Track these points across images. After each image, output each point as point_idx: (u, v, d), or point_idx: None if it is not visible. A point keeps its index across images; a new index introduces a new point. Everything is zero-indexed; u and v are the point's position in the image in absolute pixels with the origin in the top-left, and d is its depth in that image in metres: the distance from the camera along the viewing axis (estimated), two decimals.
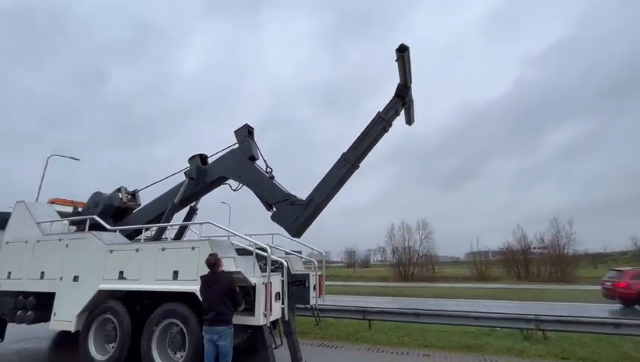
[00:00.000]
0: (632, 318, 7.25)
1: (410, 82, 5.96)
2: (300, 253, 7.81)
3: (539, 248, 42.23)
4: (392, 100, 6.01)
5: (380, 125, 5.87)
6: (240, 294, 4.42)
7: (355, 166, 5.81)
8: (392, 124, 6.05)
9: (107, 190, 7.54)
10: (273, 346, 5.06)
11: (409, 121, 6.75)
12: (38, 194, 20.62)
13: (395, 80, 5.94)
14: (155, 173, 6.92)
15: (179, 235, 7.55)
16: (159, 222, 6.71)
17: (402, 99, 6.03)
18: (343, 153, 5.83)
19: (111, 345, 5.56)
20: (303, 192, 5.85)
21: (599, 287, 15.29)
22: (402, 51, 5.50)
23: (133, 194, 7.81)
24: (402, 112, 6.33)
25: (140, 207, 7.69)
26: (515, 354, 6.72)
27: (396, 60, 5.64)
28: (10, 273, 6.79)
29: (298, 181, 5.97)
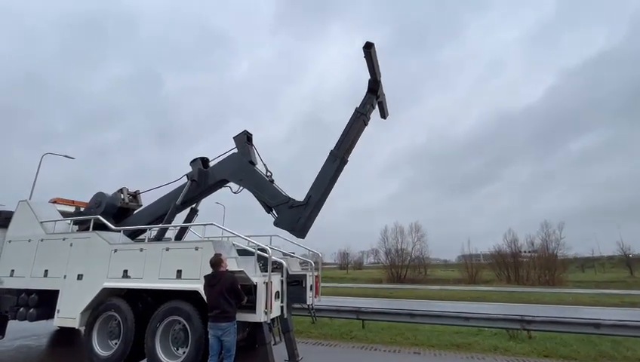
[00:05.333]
0: (610, 319, 7.64)
1: (380, 76, 6.36)
2: (293, 253, 8.07)
3: (529, 252, 43.08)
4: (366, 95, 6.43)
5: (360, 120, 6.27)
6: (242, 292, 4.66)
7: (344, 161, 6.16)
8: (370, 117, 6.48)
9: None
10: (272, 343, 5.33)
11: (383, 115, 7.15)
12: (32, 193, 20.54)
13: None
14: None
15: (180, 236, 7.75)
16: (160, 223, 6.92)
17: (375, 93, 6.43)
18: (331, 150, 6.17)
19: (114, 342, 5.73)
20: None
21: (587, 291, 15.77)
22: (368, 48, 5.89)
23: (135, 195, 8.00)
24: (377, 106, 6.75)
25: (142, 207, 7.88)
26: (501, 352, 7.07)
27: (364, 57, 6.02)
28: (13, 271, 6.91)
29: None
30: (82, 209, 8.08)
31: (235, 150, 6.86)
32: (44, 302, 6.45)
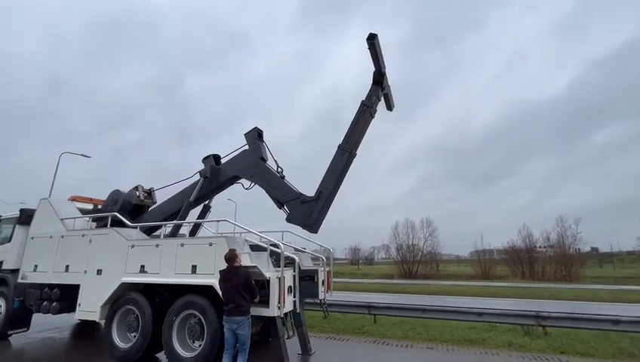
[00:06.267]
0: (630, 316, 7.46)
1: (384, 68, 6.31)
2: (304, 249, 8.12)
3: (544, 247, 42.23)
4: (371, 88, 6.41)
5: (366, 112, 6.27)
6: (256, 287, 4.74)
7: (352, 154, 6.17)
8: (376, 110, 6.46)
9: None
10: (285, 336, 5.41)
11: (389, 106, 7.12)
12: (51, 191, 21.24)
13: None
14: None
15: (194, 232, 7.90)
16: (174, 219, 7.06)
17: (380, 85, 6.40)
18: (339, 144, 6.19)
19: (133, 334, 5.93)
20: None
21: (605, 287, 15.40)
22: (372, 39, 5.85)
23: (150, 193, 8.17)
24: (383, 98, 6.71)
25: (156, 204, 8.05)
26: (516, 348, 6.98)
27: (368, 49, 5.97)
28: (36, 266, 7.19)
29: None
30: (99, 206, 8.31)
31: (246, 147, 6.93)
32: (66, 296, 6.70)
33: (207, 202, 7.74)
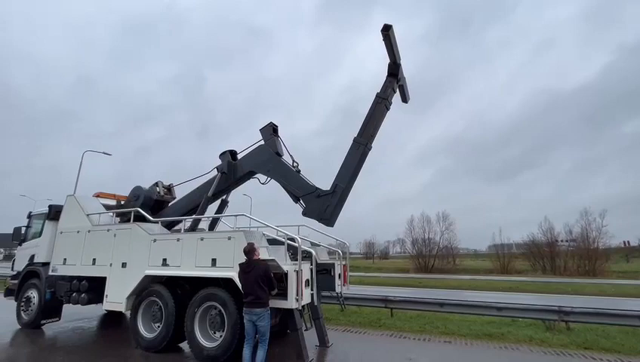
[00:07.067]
0: None
1: (399, 59, 6.21)
2: (320, 243, 8.17)
3: (566, 241, 40.90)
4: (386, 80, 6.32)
5: (381, 105, 6.21)
6: (274, 280, 4.82)
7: (367, 147, 6.14)
8: (391, 102, 6.38)
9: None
10: (304, 328, 5.50)
11: (404, 98, 7.01)
12: (75, 188, 22.13)
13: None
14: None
15: (212, 226, 8.08)
16: (193, 214, 7.24)
17: (395, 76, 6.31)
18: (355, 137, 6.16)
19: (157, 325, 6.16)
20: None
21: (632, 282, 14.83)
22: (387, 30, 5.75)
23: (169, 188, 8.40)
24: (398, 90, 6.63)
25: (175, 200, 8.27)
26: (537, 343, 6.85)
27: (383, 40, 5.88)
28: (65, 259, 7.55)
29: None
30: (122, 202, 8.60)
31: (262, 142, 7.00)
32: (94, 288, 7.02)
33: (224, 197, 7.89)
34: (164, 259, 6.14)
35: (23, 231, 9.07)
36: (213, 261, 5.63)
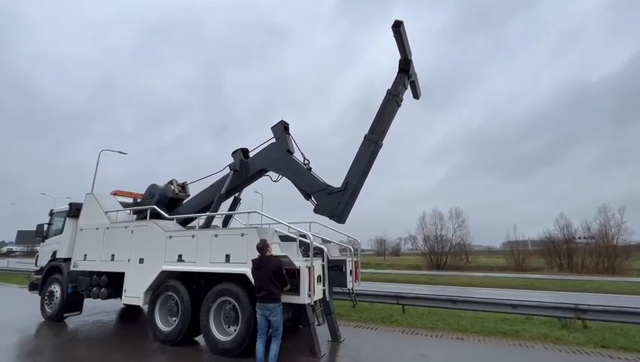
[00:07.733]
0: None
1: (410, 55, 6.15)
2: (331, 240, 8.23)
3: (584, 238, 39.81)
4: (397, 76, 6.28)
5: (392, 102, 6.18)
6: (287, 278, 4.90)
7: (378, 144, 6.14)
8: (402, 98, 6.35)
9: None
10: (316, 324, 5.57)
11: (416, 95, 6.97)
12: (93, 186, 22.79)
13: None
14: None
15: (225, 223, 8.23)
16: (207, 211, 7.39)
17: (406, 72, 6.27)
18: (365, 135, 6.16)
19: (173, 319, 6.34)
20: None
21: None
22: (397, 26, 5.71)
23: (183, 186, 8.58)
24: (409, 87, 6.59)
25: (190, 197, 8.45)
26: (552, 341, 6.74)
27: (394, 36, 5.84)
28: (85, 255, 7.83)
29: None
30: (138, 199, 8.84)
31: (274, 140, 7.07)
32: (113, 283, 7.26)
33: (237, 194, 8.01)
34: (180, 255, 6.30)
35: (45, 229, 9.45)
36: (227, 257, 5.75)
